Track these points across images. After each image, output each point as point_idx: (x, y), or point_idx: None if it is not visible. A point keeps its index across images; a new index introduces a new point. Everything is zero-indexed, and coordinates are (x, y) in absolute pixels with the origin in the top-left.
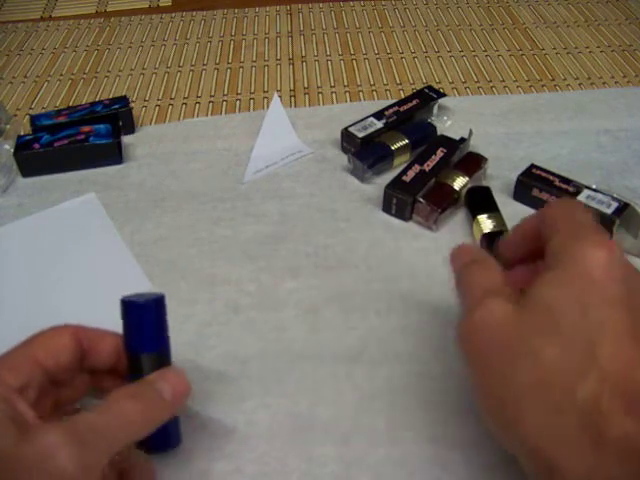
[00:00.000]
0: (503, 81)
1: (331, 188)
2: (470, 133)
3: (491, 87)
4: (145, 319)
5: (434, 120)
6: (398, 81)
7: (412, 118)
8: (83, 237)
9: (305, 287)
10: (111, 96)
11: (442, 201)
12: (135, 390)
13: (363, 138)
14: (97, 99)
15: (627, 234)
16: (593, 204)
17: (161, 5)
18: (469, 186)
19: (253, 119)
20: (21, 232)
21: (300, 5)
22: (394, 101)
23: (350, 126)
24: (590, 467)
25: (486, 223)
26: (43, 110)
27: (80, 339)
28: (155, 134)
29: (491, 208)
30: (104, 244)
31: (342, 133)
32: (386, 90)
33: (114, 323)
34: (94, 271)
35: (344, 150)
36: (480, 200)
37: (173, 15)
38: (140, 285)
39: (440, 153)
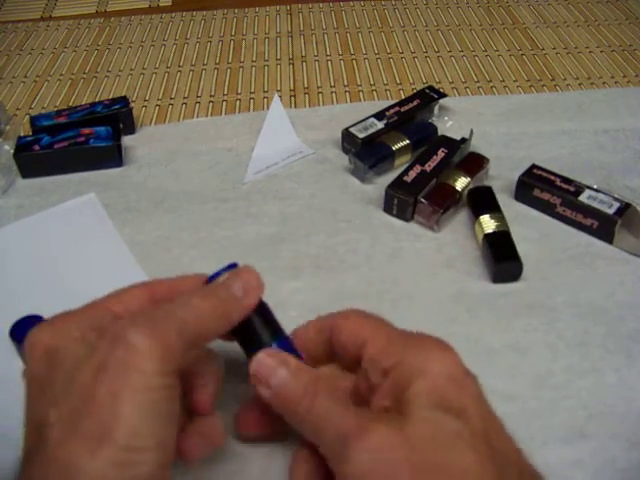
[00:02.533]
0: (503, 81)
1: (332, 189)
2: (471, 133)
3: (491, 87)
4: None
5: (435, 120)
6: (398, 81)
7: (413, 118)
8: (83, 238)
9: (306, 288)
10: (111, 96)
11: (444, 201)
12: (205, 290)
13: (364, 138)
14: (97, 99)
15: (629, 234)
16: (595, 204)
17: (161, 5)
18: (471, 186)
19: (254, 119)
20: (21, 233)
21: (300, 5)
22: (395, 101)
23: (351, 126)
24: None
25: (488, 223)
26: (43, 110)
27: (156, 291)
28: (155, 134)
29: (493, 208)
30: (104, 245)
31: (343, 133)
32: (386, 90)
33: None
34: (94, 272)
35: (345, 151)
36: (482, 200)
37: (173, 15)
38: None
39: (441, 153)
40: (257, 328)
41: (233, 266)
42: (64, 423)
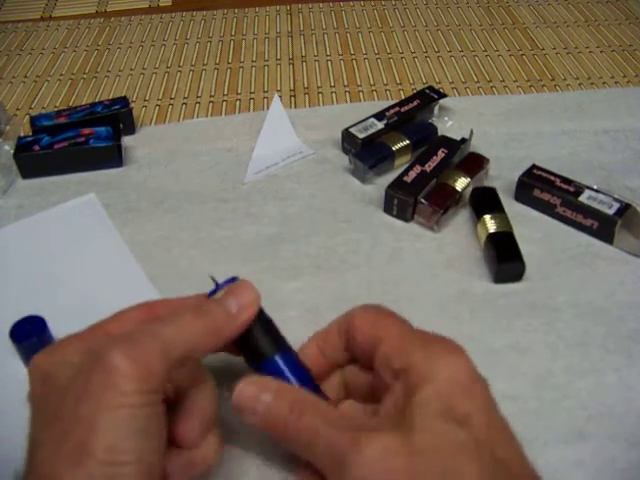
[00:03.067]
0: (503, 81)
1: (332, 189)
2: (471, 133)
3: (491, 87)
4: None
5: (435, 120)
6: (398, 81)
7: (413, 119)
8: (83, 238)
9: (306, 288)
10: (111, 96)
11: (444, 202)
12: (198, 307)
13: (364, 139)
14: (97, 99)
15: (629, 235)
16: (595, 205)
17: (161, 5)
18: (471, 187)
19: (254, 120)
20: (21, 233)
21: (300, 5)
22: (395, 102)
23: (351, 127)
24: None
25: (491, 223)
26: (43, 110)
27: (155, 310)
28: (155, 134)
29: (496, 208)
30: (105, 245)
31: (343, 134)
32: (386, 90)
33: None
34: (95, 272)
35: (345, 151)
36: (485, 200)
37: (173, 15)
38: (141, 286)
39: (441, 154)
40: (258, 341)
41: (233, 280)
42: (51, 443)
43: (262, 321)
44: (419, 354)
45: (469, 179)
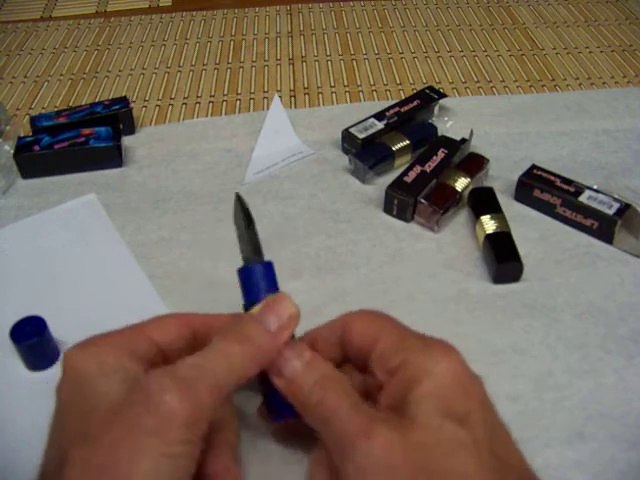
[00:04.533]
0: (503, 81)
1: (332, 189)
2: (471, 134)
3: (491, 87)
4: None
5: (435, 121)
6: (398, 81)
7: (413, 119)
8: (83, 238)
9: (307, 288)
10: (111, 96)
11: (444, 202)
12: (239, 333)
13: (364, 139)
14: (97, 99)
15: (629, 235)
16: (595, 205)
17: (161, 5)
18: (471, 187)
19: (254, 120)
20: (21, 234)
21: (300, 5)
22: (395, 102)
23: (351, 127)
24: None
25: (489, 224)
26: (43, 110)
27: (193, 324)
28: (155, 135)
29: (494, 209)
30: (105, 245)
31: (343, 134)
32: (386, 90)
33: (115, 323)
34: (95, 272)
35: (345, 151)
36: (483, 200)
37: (173, 15)
38: (141, 286)
39: (441, 154)
40: None
41: (269, 266)
42: (84, 470)
43: None
44: (416, 351)
45: (469, 179)
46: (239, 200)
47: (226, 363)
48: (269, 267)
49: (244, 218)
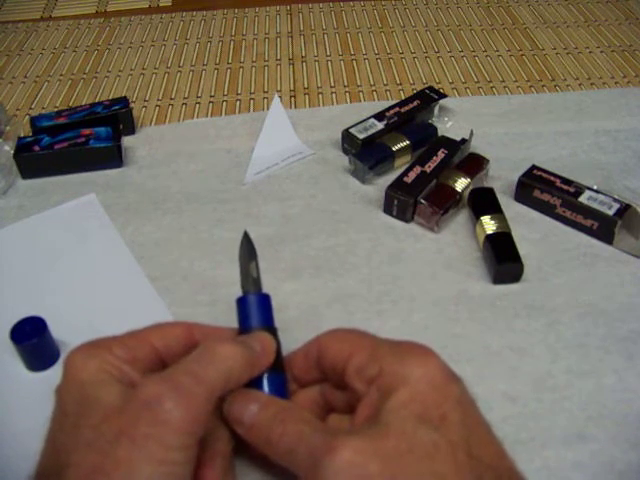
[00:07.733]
0: (503, 81)
1: (332, 189)
2: (471, 134)
3: (491, 87)
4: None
5: (435, 121)
6: (398, 81)
7: (413, 119)
8: (83, 238)
9: (306, 288)
10: (111, 96)
11: (444, 202)
12: (231, 337)
13: (364, 139)
14: (97, 99)
15: (629, 235)
16: (594, 205)
17: (161, 5)
18: (471, 187)
19: (254, 120)
20: (21, 234)
21: (300, 5)
22: (395, 102)
23: (351, 127)
24: None
25: (489, 224)
26: (43, 110)
27: (193, 332)
28: (155, 135)
29: (494, 209)
30: (105, 245)
31: (343, 134)
32: (386, 90)
33: (115, 323)
34: (95, 273)
35: (345, 151)
36: (483, 201)
37: (173, 15)
38: (141, 286)
39: (441, 154)
40: None
41: (263, 296)
42: (82, 475)
43: None
44: (391, 359)
45: (469, 180)
46: (246, 238)
47: (221, 367)
48: (266, 300)
49: (249, 254)
